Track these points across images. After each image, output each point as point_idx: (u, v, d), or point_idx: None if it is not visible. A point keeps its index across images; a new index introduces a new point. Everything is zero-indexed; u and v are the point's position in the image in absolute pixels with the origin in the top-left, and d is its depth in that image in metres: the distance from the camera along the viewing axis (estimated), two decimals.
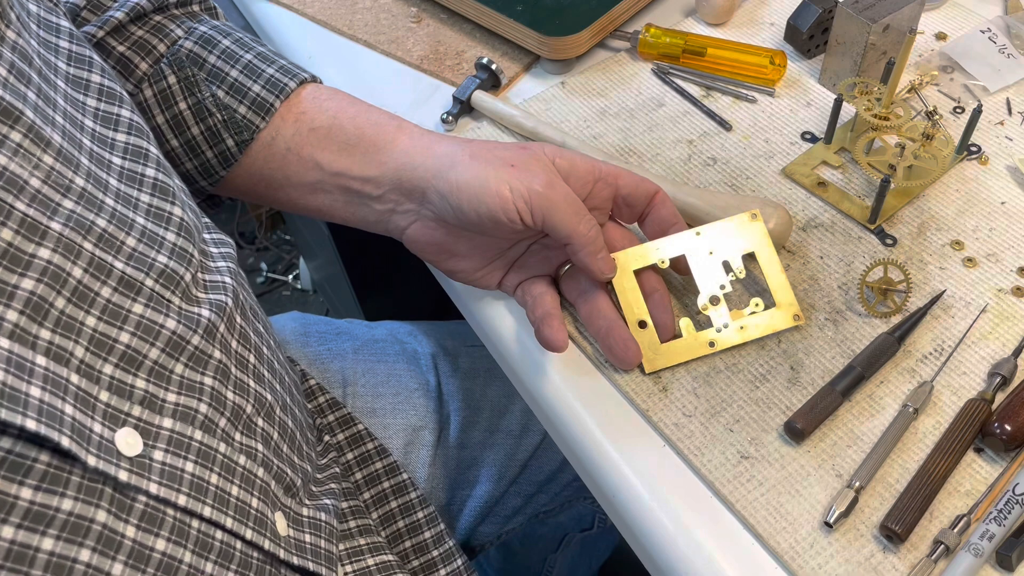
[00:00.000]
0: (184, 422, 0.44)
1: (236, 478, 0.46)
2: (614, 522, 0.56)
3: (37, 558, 0.36)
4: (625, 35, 0.78)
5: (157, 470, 0.41)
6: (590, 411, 0.56)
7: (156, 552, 0.40)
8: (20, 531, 0.36)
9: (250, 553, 0.46)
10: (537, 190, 0.52)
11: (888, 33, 0.69)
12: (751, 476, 0.52)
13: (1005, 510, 0.48)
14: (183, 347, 0.44)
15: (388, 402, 0.75)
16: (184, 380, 0.44)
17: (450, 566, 0.64)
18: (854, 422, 0.54)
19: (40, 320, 0.38)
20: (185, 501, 0.42)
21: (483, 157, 0.54)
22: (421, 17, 0.83)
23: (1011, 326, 0.58)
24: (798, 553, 0.49)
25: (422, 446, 0.75)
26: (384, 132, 0.58)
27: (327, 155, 0.58)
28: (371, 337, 0.80)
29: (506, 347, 0.61)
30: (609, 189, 0.57)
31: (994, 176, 0.67)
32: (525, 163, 0.54)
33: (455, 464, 0.76)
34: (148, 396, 0.42)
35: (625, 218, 0.60)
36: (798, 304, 0.58)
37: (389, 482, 0.65)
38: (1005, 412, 0.52)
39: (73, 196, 0.40)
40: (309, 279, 1.84)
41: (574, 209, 0.53)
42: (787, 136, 0.71)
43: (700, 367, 0.57)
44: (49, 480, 0.37)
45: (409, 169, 0.56)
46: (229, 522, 0.44)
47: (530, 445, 0.78)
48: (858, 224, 0.64)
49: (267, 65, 0.59)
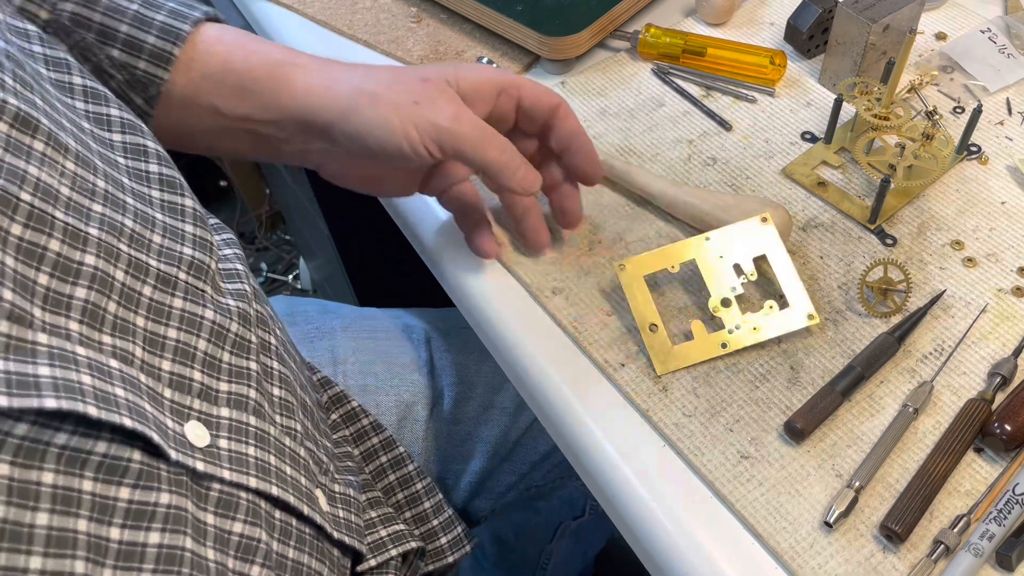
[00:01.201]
0: (239, 409, 0.45)
1: (287, 458, 0.48)
2: (614, 522, 0.56)
3: (146, 553, 0.38)
4: (625, 35, 0.78)
5: (225, 457, 0.43)
6: (590, 411, 0.56)
7: (235, 535, 0.43)
8: (126, 530, 0.37)
9: (304, 529, 0.48)
10: (444, 126, 0.51)
11: (888, 33, 0.69)
12: (751, 476, 0.52)
13: (1005, 510, 0.48)
14: (225, 335, 0.45)
15: (380, 379, 0.75)
16: (233, 368, 0.46)
17: (451, 534, 0.65)
18: (854, 422, 0.54)
19: (99, 326, 0.39)
20: (256, 483, 0.44)
21: (385, 97, 0.52)
22: (421, 17, 0.83)
23: (1011, 326, 0.58)
24: (798, 553, 0.49)
25: (415, 421, 0.75)
26: (279, 72, 0.55)
27: (225, 101, 0.56)
28: (360, 315, 0.80)
29: (508, 348, 0.61)
30: (511, 101, 0.56)
31: (994, 176, 0.67)
32: (429, 98, 0.52)
33: (448, 438, 0.76)
34: (204, 388, 0.44)
35: (528, 129, 0.59)
36: (812, 305, 0.58)
37: (386, 456, 0.65)
38: (1005, 412, 0.52)
39: (99, 199, 0.41)
40: (309, 279, 1.84)
41: (483, 136, 0.53)
42: (787, 136, 0.71)
43: (700, 367, 0.57)
44: (145, 478, 0.38)
45: (311, 113, 0.55)
46: (292, 499, 0.46)
47: (524, 423, 0.79)
48: (858, 224, 0.64)
49: (156, 12, 0.56)
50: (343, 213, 1.15)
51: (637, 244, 0.64)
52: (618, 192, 0.67)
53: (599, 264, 0.63)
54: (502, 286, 0.63)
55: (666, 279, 0.62)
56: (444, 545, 0.65)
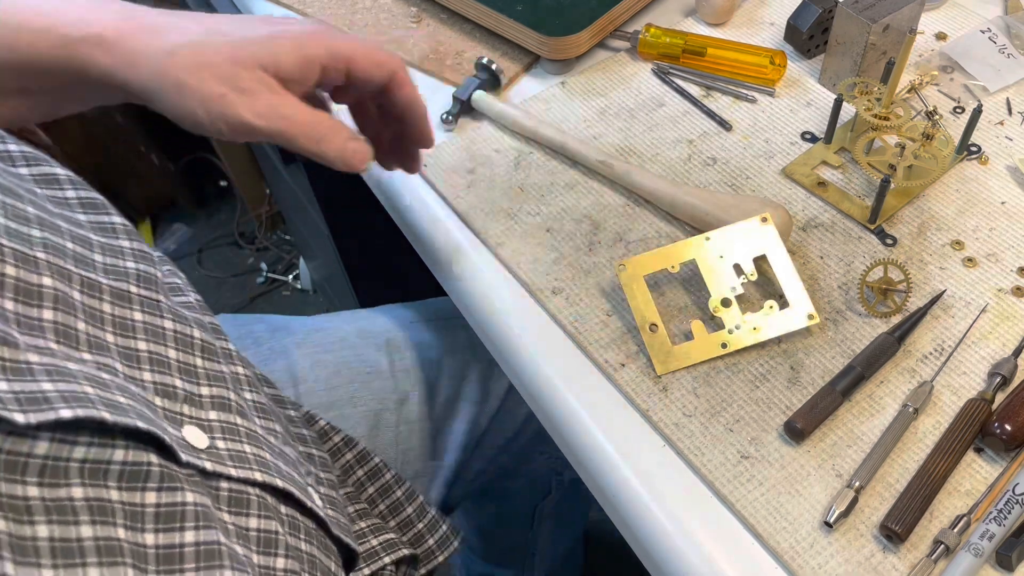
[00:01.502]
0: (225, 411, 0.45)
1: (278, 455, 0.48)
2: (614, 522, 0.56)
3: (185, 553, 0.38)
4: (625, 35, 0.78)
5: (226, 456, 0.43)
6: (590, 411, 0.56)
7: (252, 530, 0.43)
8: (160, 534, 0.38)
9: (309, 524, 0.48)
10: (251, 123, 0.49)
11: (888, 33, 0.69)
12: (751, 476, 0.52)
13: (1005, 510, 0.48)
14: (191, 342, 0.45)
15: (343, 392, 0.74)
16: (208, 372, 0.46)
17: (437, 534, 0.65)
18: (854, 422, 0.54)
19: (75, 345, 0.39)
20: (262, 476, 0.44)
21: (191, 87, 0.49)
22: (421, 17, 0.83)
23: (1011, 326, 0.58)
24: (798, 553, 0.49)
25: (386, 427, 0.75)
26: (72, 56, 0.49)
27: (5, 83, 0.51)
28: (312, 328, 0.79)
29: (508, 348, 0.61)
30: (339, 73, 0.53)
31: (994, 176, 0.67)
32: (237, 89, 0.49)
33: (420, 438, 0.77)
34: (188, 393, 0.44)
35: (366, 97, 0.57)
36: (812, 305, 0.58)
37: (363, 470, 0.65)
38: (1005, 412, 0.52)
39: (35, 225, 0.40)
40: (309, 279, 1.84)
41: (294, 130, 0.50)
42: (787, 136, 0.71)
43: (700, 367, 0.57)
44: (167, 480, 0.39)
45: (108, 98, 0.52)
46: (295, 491, 0.47)
47: (491, 409, 0.79)
48: (858, 224, 0.64)
49: None
50: (343, 213, 1.15)
51: (637, 244, 0.64)
52: (618, 192, 0.67)
53: (599, 264, 0.63)
54: (502, 286, 0.63)
55: (666, 279, 0.62)
56: (433, 546, 0.65)
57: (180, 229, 1.99)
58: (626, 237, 0.65)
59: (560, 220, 0.66)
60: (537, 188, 0.68)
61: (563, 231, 0.65)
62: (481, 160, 0.70)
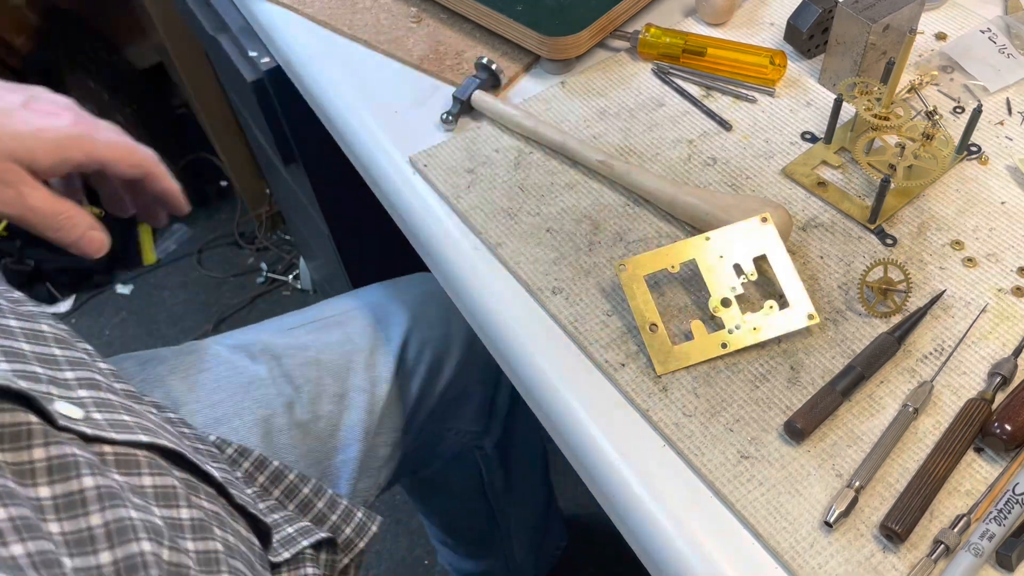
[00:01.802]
0: (95, 390, 0.47)
1: (162, 429, 0.49)
2: (614, 522, 0.55)
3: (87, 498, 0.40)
4: (625, 35, 0.78)
5: (106, 424, 0.45)
6: (589, 411, 0.56)
7: (148, 487, 0.45)
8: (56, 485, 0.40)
9: (208, 488, 0.50)
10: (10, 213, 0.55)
11: (888, 33, 0.69)
12: (751, 476, 0.52)
13: (1005, 510, 0.48)
14: (41, 335, 0.48)
15: (227, 406, 0.75)
16: (69, 359, 0.48)
17: (352, 522, 0.66)
18: (854, 422, 0.54)
19: None
20: (147, 438, 0.46)
21: None
22: (421, 17, 0.83)
23: (1011, 326, 0.58)
24: (798, 553, 0.49)
25: (279, 431, 0.75)
26: None
27: None
28: (181, 352, 0.79)
29: (508, 347, 0.61)
30: (95, 170, 0.59)
31: (994, 176, 0.67)
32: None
33: (316, 437, 0.77)
34: (51, 377, 0.46)
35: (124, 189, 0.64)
36: (812, 305, 0.58)
37: (263, 476, 0.65)
38: (1005, 412, 0.52)
39: None
40: (309, 279, 1.84)
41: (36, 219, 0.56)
42: (787, 136, 0.71)
43: (700, 367, 0.57)
44: (52, 436, 0.40)
45: None
46: (187, 453, 0.48)
47: (382, 395, 0.80)
48: (858, 224, 0.64)
49: None
50: (343, 213, 1.15)
51: (637, 244, 0.64)
52: (618, 192, 0.67)
53: (599, 264, 0.63)
54: (502, 286, 0.63)
55: (666, 279, 0.62)
56: (351, 535, 0.65)
57: (180, 229, 1.99)
58: (626, 237, 0.65)
59: (560, 220, 0.66)
60: (537, 188, 0.68)
61: (563, 231, 0.65)
62: (481, 160, 0.70)
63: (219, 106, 1.66)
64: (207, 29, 0.99)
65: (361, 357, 0.80)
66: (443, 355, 0.84)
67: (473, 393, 0.90)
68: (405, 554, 1.47)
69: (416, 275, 0.90)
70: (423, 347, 0.83)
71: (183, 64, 1.55)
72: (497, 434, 0.96)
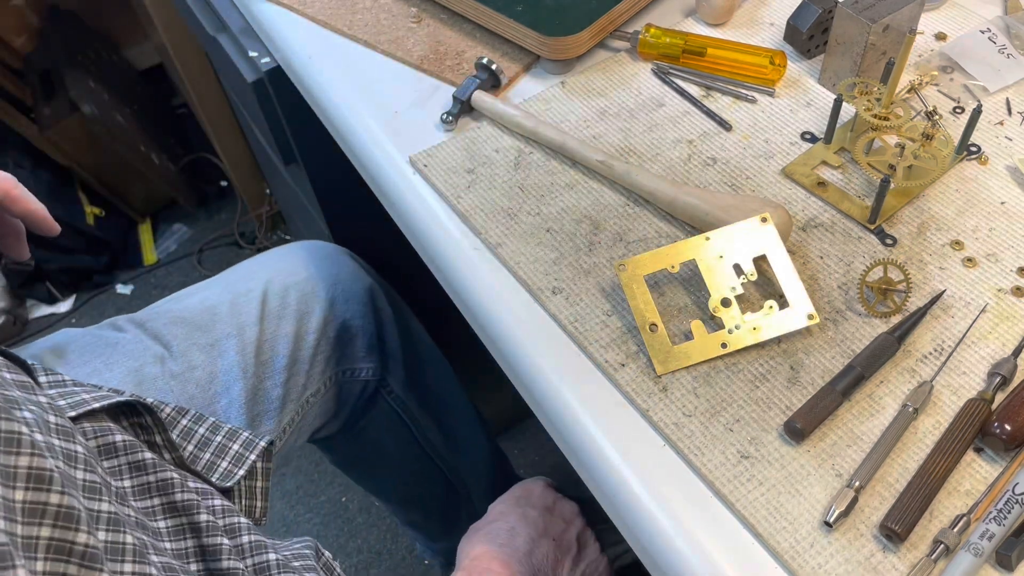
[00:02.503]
0: None
1: None
2: (614, 521, 0.56)
3: None
4: (625, 35, 0.78)
5: None
6: (589, 411, 0.56)
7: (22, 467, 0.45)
8: None
9: None
10: None
11: (888, 33, 0.69)
12: (751, 476, 0.52)
13: (1005, 510, 0.48)
14: None
15: (100, 363, 0.77)
16: None
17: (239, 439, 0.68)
18: (854, 422, 0.54)
19: None
20: None
21: None
22: (421, 17, 0.83)
23: (1011, 326, 0.58)
24: (798, 553, 0.49)
25: (152, 380, 0.77)
26: None
27: None
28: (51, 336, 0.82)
29: (508, 347, 0.61)
30: None
31: (994, 176, 0.67)
32: None
33: (195, 383, 0.79)
34: None
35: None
36: (812, 305, 0.58)
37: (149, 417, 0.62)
38: (1005, 412, 0.52)
39: None
40: None
41: None
42: (787, 136, 0.71)
43: (700, 367, 0.57)
44: None
45: None
46: None
47: (253, 337, 0.82)
48: (858, 224, 0.64)
49: None
50: (343, 213, 1.15)
51: (637, 244, 0.64)
52: (618, 192, 0.67)
53: (599, 264, 0.63)
54: (502, 286, 0.63)
55: (666, 279, 0.62)
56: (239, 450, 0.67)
57: (180, 229, 1.99)
58: (626, 237, 0.65)
59: (560, 220, 0.66)
60: (537, 188, 0.68)
61: (563, 231, 0.65)
62: (481, 160, 0.70)
63: (219, 106, 1.66)
64: (207, 29, 0.99)
65: (224, 309, 0.83)
66: (309, 296, 0.87)
67: (354, 330, 0.91)
68: (405, 554, 1.47)
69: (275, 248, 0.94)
70: (286, 291, 0.86)
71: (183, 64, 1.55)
72: (400, 374, 0.97)
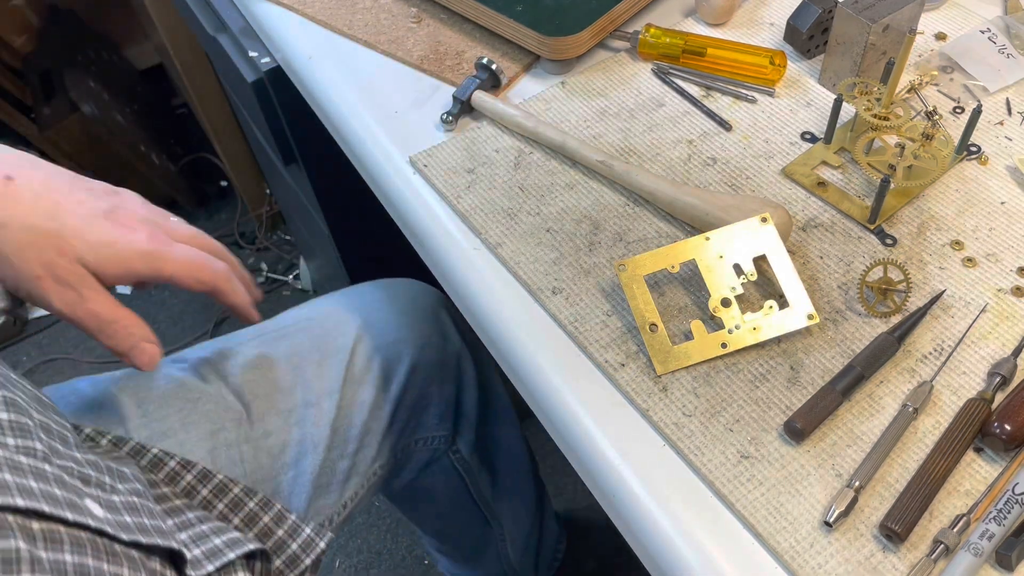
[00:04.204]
0: None
1: (28, 474, 0.47)
2: (614, 521, 0.56)
3: None
4: (625, 35, 0.78)
5: None
6: (589, 411, 0.56)
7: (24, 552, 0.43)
8: None
9: (79, 535, 0.48)
10: (59, 310, 0.57)
11: (888, 33, 0.69)
12: (751, 476, 0.52)
13: (1005, 510, 0.48)
14: None
15: (175, 420, 0.74)
16: None
17: (299, 538, 0.65)
18: (854, 422, 0.54)
19: None
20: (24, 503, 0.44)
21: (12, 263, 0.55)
22: (421, 17, 0.83)
23: (1011, 326, 0.58)
24: (798, 553, 0.49)
25: (227, 446, 0.75)
26: None
27: None
28: (132, 372, 0.78)
29: (508, 347, 0.61)
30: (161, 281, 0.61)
31: (994, 176, 0.67)
32: (54, 276, 0.56)
33: (267, 452, 0.77)
34: None
35: None
36: (812, 305, 0.58)
37: (206, 489, 0.64)
38: (1005, 412, 0.52)
39: None
40: (309, 279, 1.84)
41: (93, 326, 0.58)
42: (787, 136, 0.71)
43: (700, 367, 0.57)
44: None
45: None
46: (46, 508, 0.46)
47: (332, 407, 0.79)
48: (858, 224, 0.64)
49: None
50: (343, 213, 1.15)
51: (637, 244, 0.64)
52: (618, 192, 0.67)
53: (599, 264, 0.63)
54: (502, 286, 0.63)
55: (666, 279, 0.62)
56: (296, 551, 0.65)
57: None
58: (626, 237, 0.65)
59: (560, 220, 0.66)
60: (537, 188, 0.68)
61: (563, 231, 0.65)
62: (481, 160, 0.70)
63: (219, 106, 1.66)
64: (207, 29, 0.99)
65: (310, 370, 0.80)
66: (393, 362, 0.84)
67: (432, 397, 0.89)
68: (405, 554, 1.47)
69: (368, 283, 0.91)
70: (372, 356, 0.82)
71: (183, 64, 1.55)
72: (470, 438, 0.95)
